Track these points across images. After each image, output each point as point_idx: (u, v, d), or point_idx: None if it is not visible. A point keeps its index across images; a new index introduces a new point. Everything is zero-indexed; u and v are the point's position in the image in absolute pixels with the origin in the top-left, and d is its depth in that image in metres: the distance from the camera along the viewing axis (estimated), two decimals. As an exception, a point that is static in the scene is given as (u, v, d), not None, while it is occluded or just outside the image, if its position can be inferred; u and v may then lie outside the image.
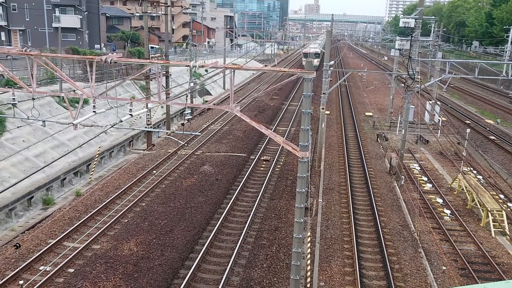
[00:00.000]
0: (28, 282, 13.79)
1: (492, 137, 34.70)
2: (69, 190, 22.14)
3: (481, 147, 31.91)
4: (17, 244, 16.04)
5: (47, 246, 15.93)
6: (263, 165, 26.10)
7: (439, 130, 34.26)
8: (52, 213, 19.11)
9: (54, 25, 53.90)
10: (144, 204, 20.03)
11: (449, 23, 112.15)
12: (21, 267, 14.46)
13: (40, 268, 14.69)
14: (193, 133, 23.98)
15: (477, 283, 14.61)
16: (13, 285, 13.76)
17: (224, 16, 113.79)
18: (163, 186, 22.14)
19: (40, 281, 13.77)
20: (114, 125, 15.87)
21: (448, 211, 20.83)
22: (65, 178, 22.48)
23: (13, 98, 13.26)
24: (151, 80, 29.98)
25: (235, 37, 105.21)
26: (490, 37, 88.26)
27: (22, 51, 11.80)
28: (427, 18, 34.63)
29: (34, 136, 24.29)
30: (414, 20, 23.97)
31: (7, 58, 29.17)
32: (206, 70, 51.06)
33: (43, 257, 15.39)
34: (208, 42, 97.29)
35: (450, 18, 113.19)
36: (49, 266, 14.76)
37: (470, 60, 42.47)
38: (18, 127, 22.47)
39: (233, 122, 35.61)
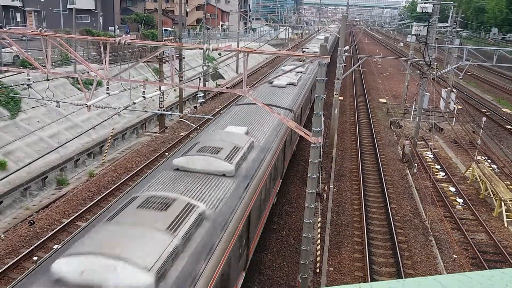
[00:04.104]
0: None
1: (508, 126, 34.16)
2: (82, 171, 22.41)
3: (496, 136, 31.44)
4: (31, 221, 16.33)
5: (60, 225, 16.21)
6: (275, 150, 26.05)
7: (454, 118, 33.81)
8: (65, 193, 19.40)
9: (68, 6, 54.01)
10: (156, 186, 20.18)
11: (468, 9, 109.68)
12: (35, 245, 14.76)
13: (54, 247, 14.96)
14: (205, 116, 23.91)
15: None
16: (28, 262, 14.07)
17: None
18: (175, 169, 22.25)
19: (54, 259, 14.05)
20: (127, 107, 15.96)
21: (460, 200, 20.66)
22: (78, 159, 22.75)
23: (28, 79, 13.39)
24: (165, 63, 29.94)
25: (249, 21, 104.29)
26: (509, 24, 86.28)
27: (37, 32, 11.86)
28: (445, 3, 33.83)
29: (48, 117, 24.53)
30: (432, 5, 23.51)
31: (22, 39, 29.34)
32: (220, 54, 50.87)
33: (56, 236, 15.67)
34: (222, 26, 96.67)
35: (469, 4, 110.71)
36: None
37: (488, 47, 41.61)
38: (32, 107, 22.69)
39: (245, 107, 35.47)
